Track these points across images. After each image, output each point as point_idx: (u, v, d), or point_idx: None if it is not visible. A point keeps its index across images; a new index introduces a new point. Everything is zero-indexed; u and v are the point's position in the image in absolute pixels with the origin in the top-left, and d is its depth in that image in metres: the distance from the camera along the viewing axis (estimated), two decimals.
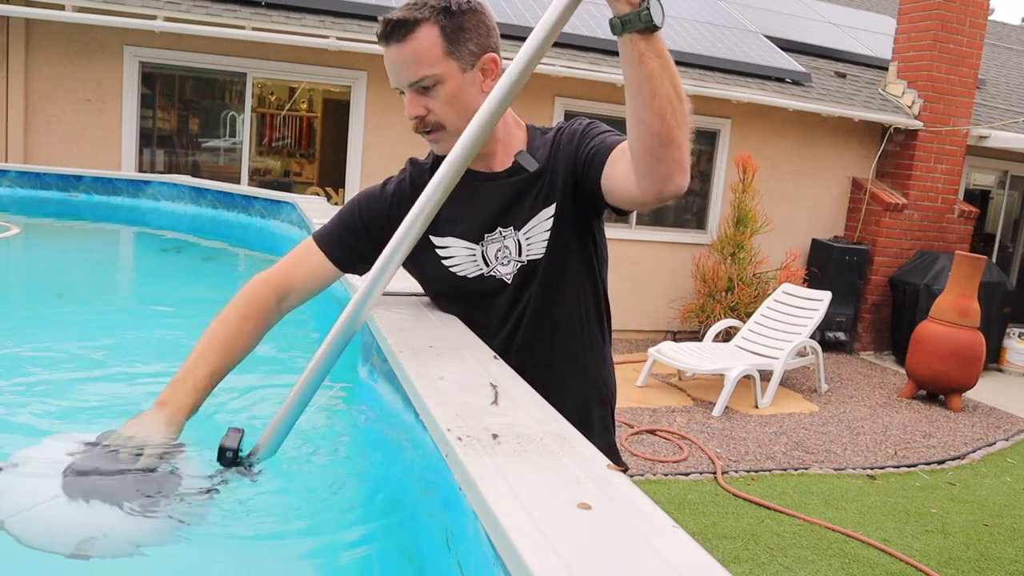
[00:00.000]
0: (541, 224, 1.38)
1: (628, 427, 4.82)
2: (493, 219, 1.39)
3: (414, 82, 1.29)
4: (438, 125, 1.32)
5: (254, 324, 1.32)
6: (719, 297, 6.91)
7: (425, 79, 1.28)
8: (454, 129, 1.29)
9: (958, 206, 7.91)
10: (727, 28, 8.30)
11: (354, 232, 1.42)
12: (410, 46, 1.27)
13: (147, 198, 4.51)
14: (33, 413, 1.39)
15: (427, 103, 1.30)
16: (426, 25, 1.27)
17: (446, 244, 1.41)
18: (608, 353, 1.53)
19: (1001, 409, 6.14)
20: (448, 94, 1.29)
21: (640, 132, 1.14)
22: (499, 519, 0.69)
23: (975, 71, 7.75)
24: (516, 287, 1.40)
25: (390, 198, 1.43)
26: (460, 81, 1.30)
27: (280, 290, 1.37)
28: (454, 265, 1.41)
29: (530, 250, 1.38)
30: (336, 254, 1.42)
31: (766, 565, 3.25)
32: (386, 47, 1.29)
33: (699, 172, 7.74)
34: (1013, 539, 3.78)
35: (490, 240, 1.40)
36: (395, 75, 1.30)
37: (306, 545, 1.08)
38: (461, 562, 0.86)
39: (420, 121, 1.31)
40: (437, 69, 1.28)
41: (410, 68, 1.28)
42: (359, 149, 6.44)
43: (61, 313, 2.43)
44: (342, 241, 1.42)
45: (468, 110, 1.26)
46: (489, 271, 1.40)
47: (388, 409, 1.33)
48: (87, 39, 5.68)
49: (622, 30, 1.04)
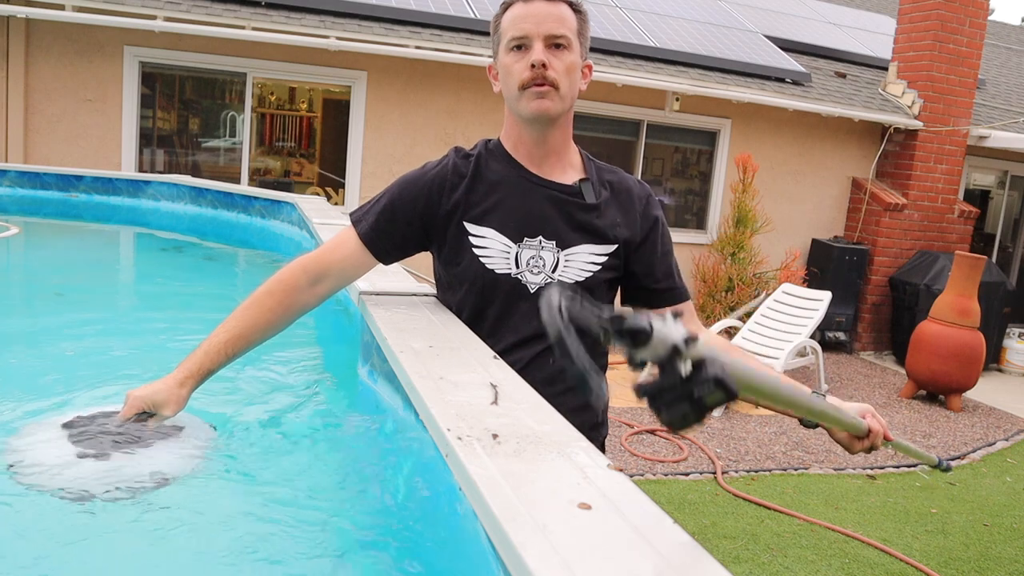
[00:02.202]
0: (589, 256, 1.41)
1: (628, 427, 4.82)
2: (536, 225, 1.39)
3: (555, 36, 1.33)
4: (554, 83, 1.34)
5: (278, 300, 1.36)
6: (719, 297, 6.91)
7: (564, 39, 1.34)
8: (563, 94, 1.36)
9: (958, 206, 7.91)
10: (727, 28, 8.30)
11: (389, 218, 1.42)
12: (558, 8, 1.35)
13: (147, 198, 4.51)
14: (28, 412, 1.39)
15: (551, 60, 1.34)
16: (566, 6, 1.36)
17: (483, 234, 1.40)
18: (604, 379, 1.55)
19: (1001, 409, 6.14)
20: (571, 63, 1.36)
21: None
22: (499, 519, 0.69)
23: (975, 71, 7.75)
24: (537, 300, 1.39)
25: (428, 184, 1.42)
26: (578, 62, 1.38)
27: (313, 272, 1.40)
28: (486, 257, 1.40)
29: (565, 272, 1.40)
30: (370, 238, 1.42)
31: (766, 565, 3.25)
32: (528, 2, 1.35)
33: (699, 172, 7.75)
34: (1013, 539, 3.78)
35: (528, 245, 1.39)
36: (535, 24, 1.33)
37: (305, 544, 1.08)
38: (461, 562, 0.86)
39: (542, 69, 1.33)
40: (572, 37, 1.36)
41: (555, 23, 1.34)
42: (359, 149, 6.44)
43: (61, 313, 2.43)
44: (377, 226, 1.42)
45: (574, 89, 1.39)
46: (517, 273, 1.39)
47: (388, 409, 1.34)
48: (87, 39, 5.68)
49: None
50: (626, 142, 7.25)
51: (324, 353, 2.07)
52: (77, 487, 1.11)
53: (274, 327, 1.38)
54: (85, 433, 1.25)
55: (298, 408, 1.51)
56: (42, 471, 1.15)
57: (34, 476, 1.14)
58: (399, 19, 6.41)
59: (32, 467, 1.17)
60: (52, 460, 1.18)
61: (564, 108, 1.38)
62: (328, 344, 2.13)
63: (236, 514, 1.13)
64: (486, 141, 1.48)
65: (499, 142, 1.46)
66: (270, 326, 1.37)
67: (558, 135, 1.42)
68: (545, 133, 1.40)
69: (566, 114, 1.40)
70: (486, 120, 6.62)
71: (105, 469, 1.16)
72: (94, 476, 1.13)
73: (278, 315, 1.37)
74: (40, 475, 1.14)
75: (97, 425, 1.27)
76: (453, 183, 1.42)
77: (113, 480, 1.13)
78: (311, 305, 1.43)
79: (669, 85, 6.78)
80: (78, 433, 1.25)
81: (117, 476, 1.14)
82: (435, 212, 1.41)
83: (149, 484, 1.14)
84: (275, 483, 1.20)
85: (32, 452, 1.21)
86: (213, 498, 1.17)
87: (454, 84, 6.54)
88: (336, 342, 2.08)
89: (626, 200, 1.46)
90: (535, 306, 1.39)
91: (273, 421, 1.45)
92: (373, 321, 1.41)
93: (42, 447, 1.22)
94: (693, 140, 7.64)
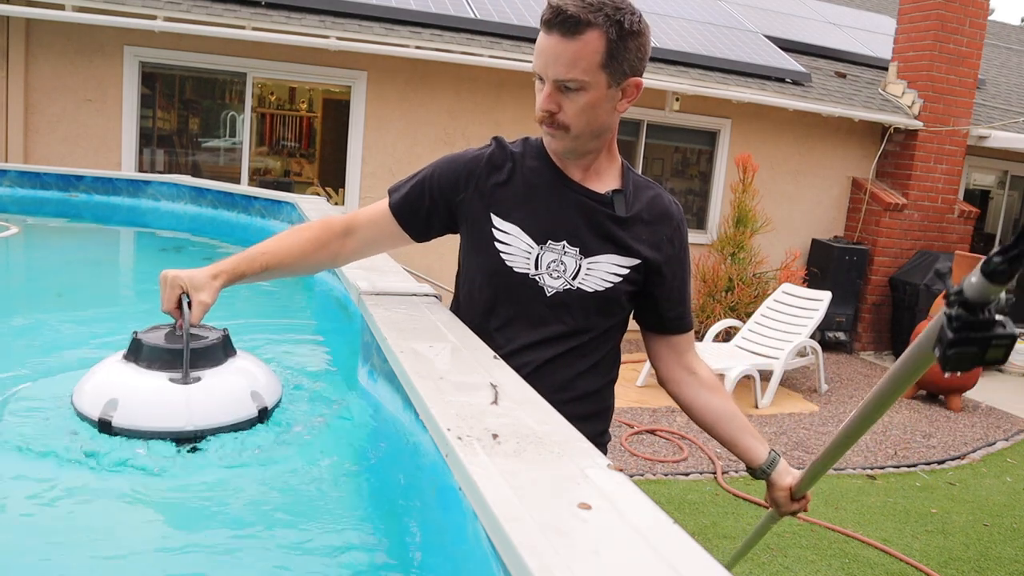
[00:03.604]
0: (611, 267, 1.39)
1: (628, 427, 4.82)
2: (562, 229, 1.38)
3: (561, 80, 1.27)
4: (564, 126, 1.31)
5: (315, 235, 1.43)
6: (719, 297, 6.91)
7: (573, 82, 1.26)
8: (576, 134, 1.32)
9: (958, 206, 7.91)
10: (727, 28, 8.30)
11: (421, 191, 1.44)
12: (573, 46, 1.24)
13: (147, 198, 4.50)
14: (27, 412, 1.39)
15: (563, 102, 1.29)
16: (596, 31, 1.24)
17: (507, 229, 1.39)
18: (612, 388, 1.55)
19: (1001, 409, 6.14)
20: (587, 103, 1.28)
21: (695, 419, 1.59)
22: (499, 519, 0.69)
23: (975, 71, 7.75)
24: (553, 304, 1.38)
25: (463, 167, 1.43)
26: (602, 95, 1.29)
27: (346, 224, 1.46)
28: (506, 253, 1.39)
29: (586, 280, 1.38)
30: (398, 207, 1.45)
31: (766, 565, 3.25)
32: (547, 33, 1.26)
33: (699, 172, 7.75)
34: (1013, 539, 3.78)
35: (551, 248, 1.38)
36: (545, 64, 1.27)
37: (305, 544, 1.08)
38: (461, 562, 0.86)
39: (549, 116, 1.30)
40: (588, 77, 1.26)
41: (564, 66, 1.25)
42: (359, 149, 6.44)
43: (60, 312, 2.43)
44: (408, 196, 1.44)
45: (597, 122, 1.32)
46: (535, 274, 1.38)
47: (388, 409, 1.34)
48: (87, 39, 5.68)
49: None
50: (626, 142, 7.25)
51: (324, 353, 2.07)
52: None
53: (305, 259, 1.43)
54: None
55: (298, 408, 1.50)
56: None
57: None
58: (399, 19, 6.41)
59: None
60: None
61: (577, 145, 1.34)
62: (328, 344, 2.13)
63: (233, 513, 1.13)
64: (528, 137, 1.47)
65: (541, 140, 1.44)
66: (303, 256, 1.43)
67: (590, 152, 1.39)
68: (574, 153, 1.39)
69: (595, 140, 1.36)
70: (486, 120, 6.62)
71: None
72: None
73: (311, 250, 1.43)
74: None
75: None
76: (486, 171, 1.41)
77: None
78: (339, 256, 1.48)
79: (669, 85, 6.78)
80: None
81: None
82: (460, 196, 1.42)
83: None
84: (275, 483, 1.20)
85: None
86: (212, 498, 1.17)
87: (454, 84, 6.54)
88: (336, 342, 2.08)
89: (659, 219, 1.43)
90: (550, 310, 1.39)
91: (273, 421, 1.45)
92: (373, 321, 1.41)
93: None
94: (693, 140, 7.64)
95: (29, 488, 1.13)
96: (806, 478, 1.44)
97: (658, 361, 1.55)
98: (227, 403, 1.27)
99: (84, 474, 1.15)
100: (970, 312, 0.78)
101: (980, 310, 0.78)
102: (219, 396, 1.27)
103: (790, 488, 1.48)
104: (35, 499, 1.11)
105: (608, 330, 1.44)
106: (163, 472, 1.18)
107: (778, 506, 1.52)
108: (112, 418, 1.21)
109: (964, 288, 0.79)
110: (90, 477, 1.15)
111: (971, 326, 0.78)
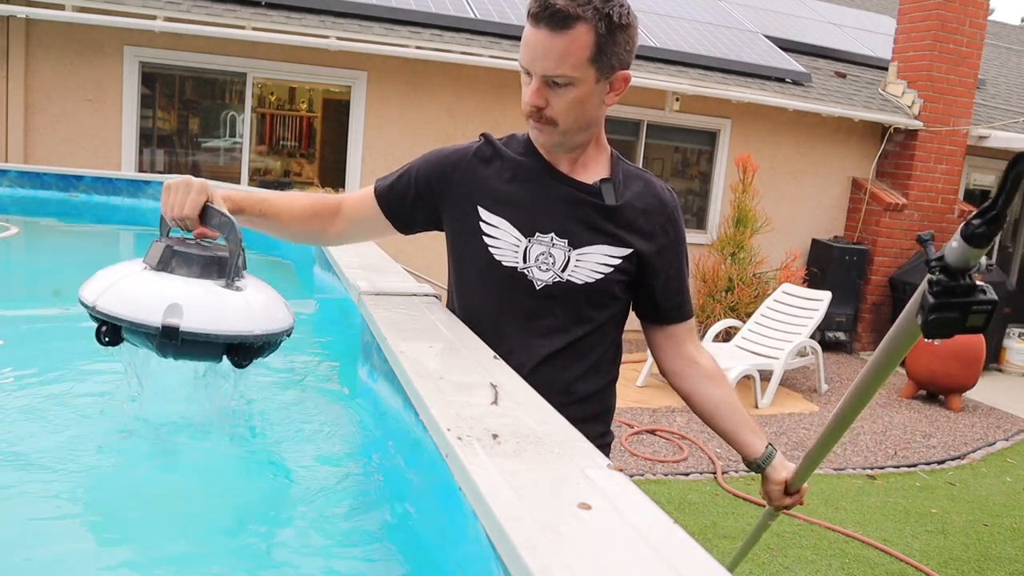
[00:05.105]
0: (602, 257, 1.37)
1: (628, 427, 4.82)
2: (549, 222, 1.37)
3: (549, 76, 1.25)
4: (551, 120, 1.30)
5: (309, 203, 1.48)
6: (719, 297, 6.90)
7: (561, 78, 1.25)
8: (564, 129, 1.31)
9: (958, 206, 7.91)
10: (727, 28, 8.30)
11: (407, 181, 1.45)
12: (561, 41, 1.22)
13: (147, 198, 4.50)
14: (27, 410, 1.39)
15: (550, 97, 1.27)
16: (584, 26, 1.22)
17: (495, 223, 1.38)
18: (613, 387, 1.55)
19: (1001, 409, 6.14)
20: (575, 98, 1.27)
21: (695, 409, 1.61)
22: (499, 519, 0.69)
23: (975, 71, 7.75)
24: (543, 297, 1.37)
25: (449, 160, 1.44)
26: (591, 90, 1.28)
27: (337, 203, 1.49)
28: (494, 246, 1.38)
29: (576, 272, 1.36)
30: (382, 193, 1.46)
31: (766, 565, 3.25)
32: (534, 28, 1.24)
33: (699, 172, 7.75)
34: (1013, 539, 3.78)
35: (539, 240, 1.37)
36: (532, 59, 1.26)
37: (305, 544, 1.08)
38: (461, 562, 0.86)
39: (536, 111, 1.29)
40: (576, 72, 1.25)
41: (552, 61, 1.24)
42: (359, 149, 6.44)
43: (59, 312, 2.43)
44: (394, 185, 1.46)
45: (585, 117, 1.31)
46: (524, 267, 1.37)
47: (388, 409, 1.33)
48: (87, 39, 5.68)
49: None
50: (626, 142, 7.25)
51: (323, 353, 2.07)
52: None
53: (297, 222, 1.47)
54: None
55: (297, 408, 1.51)
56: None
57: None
58: (399, 19, 6.41)
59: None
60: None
61: (565, 140, 1.34)
62: (328, 344, 2.12)
63: (232, 513, 1.13)
64: (515, 133, 1.47)
65: (527, 134, 1.43)
66: (295, 219, 1.46)
67: (578, 146, 1.38)
68: (562, 147, 1.38)
69: (583, 133, 1.35)
70: (486, 120, 6.62)
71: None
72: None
73: (304, 216, 1.47)
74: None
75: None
76: (473, 164, 1.41)
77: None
78: (325, 232, 1.50)
79: (669, 85, 6.78)
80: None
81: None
82: (444, 189, 1.42)
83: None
84: (272, 480, 1.20)
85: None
86: (211, 498, 1.17)
87: (454, 84, 6.54)
88: (336, 342, 2.08)
89: (651, 207, 1.40)
90: (540, 303, 1.38)
91: (273, 421, 1.45)
92: (373, 321, 1.41)
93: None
94: (693, 140, 7.64)
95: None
96: (801, 470, 1.44)
97: (658, 351, 1.54)
98: (274, 310, 1.23)
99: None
100: (951, 278, 0.78)
101: (961, 275, 0.78)
102: (267, 303, 1.23)
103: (785, 482, 1.48)
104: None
105: (604, 324, 1.43)
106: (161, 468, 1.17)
107: (771, 500, 1.52)
108: (180, 324, 1.11)
109: (945, 253, 0.79)
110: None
111: (951, 291, 0.79)
